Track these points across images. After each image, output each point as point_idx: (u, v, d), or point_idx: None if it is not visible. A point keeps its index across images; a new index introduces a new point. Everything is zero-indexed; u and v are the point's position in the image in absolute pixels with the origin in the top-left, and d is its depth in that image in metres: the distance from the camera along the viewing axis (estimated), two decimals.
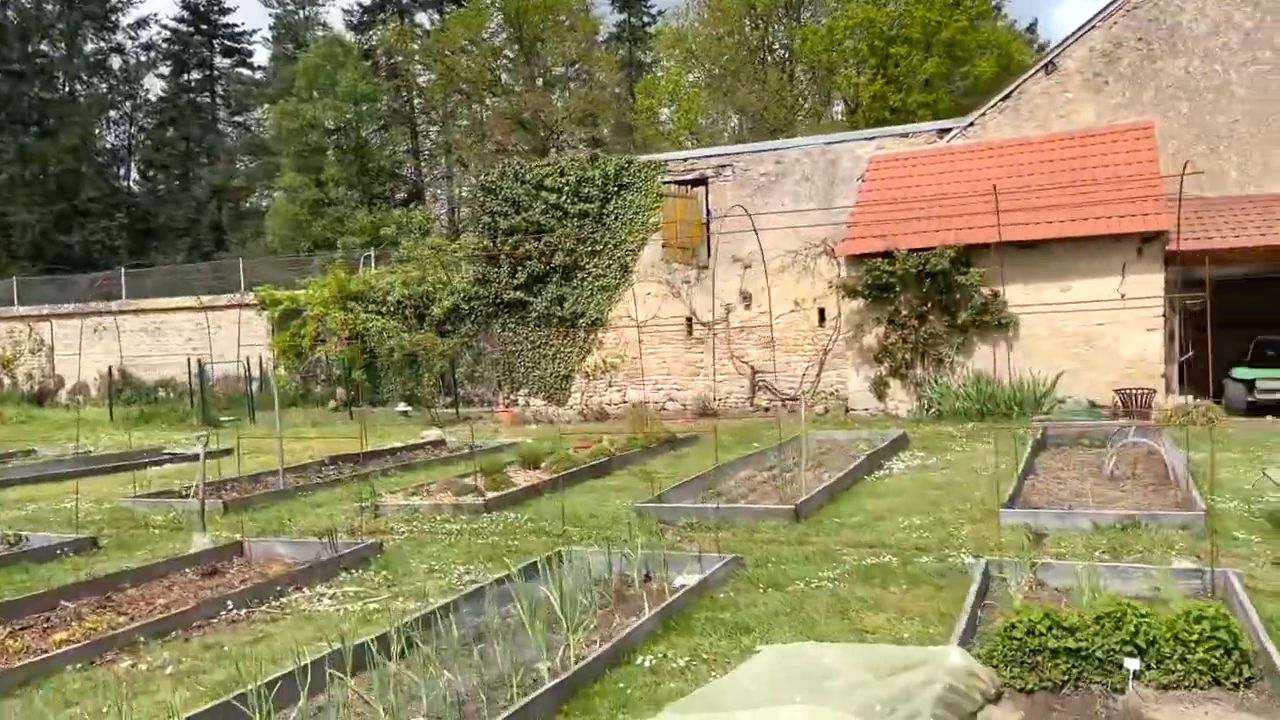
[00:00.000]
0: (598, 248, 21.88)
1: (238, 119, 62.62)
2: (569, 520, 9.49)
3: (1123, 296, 15.80)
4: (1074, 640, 4.87)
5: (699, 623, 6.21)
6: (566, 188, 21.79)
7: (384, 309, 25.59)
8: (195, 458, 12.32)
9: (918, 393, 17.09)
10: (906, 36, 42.90)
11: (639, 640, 5.85)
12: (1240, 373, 15.95)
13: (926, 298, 16.75)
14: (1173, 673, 4.76)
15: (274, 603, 7.41)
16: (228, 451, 16.21)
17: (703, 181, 21.41)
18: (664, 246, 21.44)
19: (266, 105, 55.46)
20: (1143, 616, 4.91)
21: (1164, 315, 15.66)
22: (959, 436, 14.68)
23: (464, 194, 56.86)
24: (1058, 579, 6.61)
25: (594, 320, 22.03)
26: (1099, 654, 4.83)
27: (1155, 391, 15.36)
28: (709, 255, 21.32)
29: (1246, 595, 5.80)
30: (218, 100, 62.76)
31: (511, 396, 22.94)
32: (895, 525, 8.81)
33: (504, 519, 9.99)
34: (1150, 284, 15.67)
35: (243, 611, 7.19)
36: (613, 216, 21.82)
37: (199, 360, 25.09)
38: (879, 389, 17.35)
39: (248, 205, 58.36)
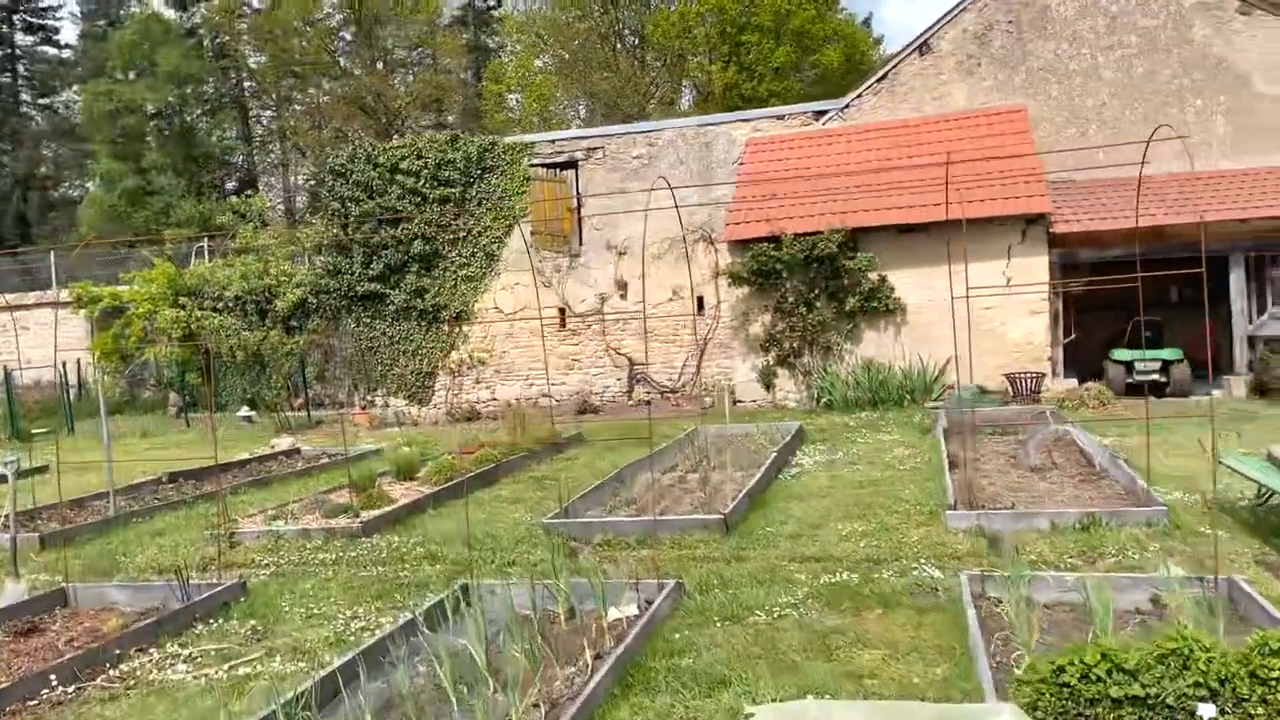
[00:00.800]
0: (460, 235, 20.45)
1: (43, 101, 57.21)
2: (464, 541, 8.26)
3: (1008, 280, 15.61)
4: (1139, 686, 4.06)
5: (660, 673, 5.15)
6: (425, 171, 20.23)
7: (221, 305, 23.36)
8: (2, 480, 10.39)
9: (806, 382, 16.51)
10: (757, 24, 42.89)
11: (597, 704, 4.75)
12: (1119, 354, 16.05)
13: (813, 284, 16.18)
14: (1253, 717, 4.02)
15: (112, 672, 5.91)
16: (42, 469, 14.09)
17: (572, 164, 20.27)
18: (533, 233, 20.21)
19: (76, 86, 50.79)
20: (1210, 652, 4.15)
21: (1048, 298, 15.57)
22: (856, 427, 14.13)
23: (301, 182, 53.76)
24: (1046, 593, 5.88)
25: (458, 313, 20.59)
26: (1169, 701, 4.03)
27: (1044, 375, 15.24)
28: (581, 242, 20.23)
29: (1274, 606, 5.19)
30: (20, 81, 57.14)
31: (369, 397, 21.23)
32: (835, 534, 7.98)
33: (387, 544, 8.65)
34: (1034, 267, 15.55)
35: (71, 688, 5.68)
36: (476, 202, 20.42)
37: (4, 366, 22.22)
38: (766, 379, 16.68)
39: (57, 195, 53.42)
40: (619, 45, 47.28)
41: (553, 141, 20.38)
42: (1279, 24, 16.91)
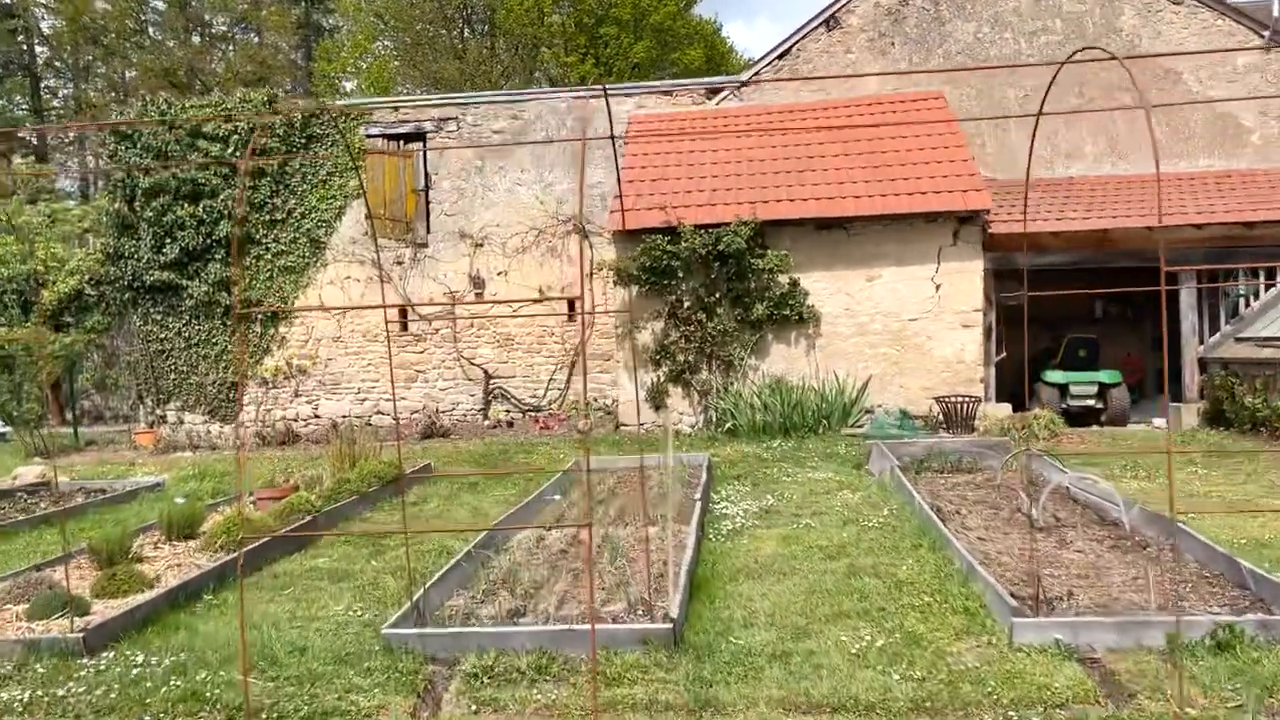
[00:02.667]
0: (278, 216, 16.80)
1: None
2: (260, 662, 5.07)
3: (937, 288, 13.40)
4: None
5: None
6: (235, 137, 16.51)
7: None
8: None
9: (704, 403, 13.82)
10: (616, 18, 40.55)
11: None
12: (1053, 376, 14.12)
13: (715, 286, 13.53)
14: None
15: None
16: None
17: (420, 137, 16.98)
18: (369, 217, 16.80)
19: None
20: None
21: (982, 310, 13.44)
22: (774, 460, 11.52)
23: (104, 163, 47.52)
24: None
25: (274, 311, 16.91)
26: None
27: (979, 399, 13.07)
28: (428, 230, 16.95)
29: None
30: None
31: (159, 412, 17.22)
32: (839, 649, 5.21)
33: (124, 669, 5.32)
34: (968, 273, 13.40)
35: None
36: (299, 177, 16.84)
37: None
38: (656, 398, 13.90)
39: None
40: (467, 30, 43.95)
41: (396, 109, 17.03)
42: (1212, 16, 15.47)
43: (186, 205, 16.50)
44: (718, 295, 13.53)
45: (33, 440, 14.63)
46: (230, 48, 46.50)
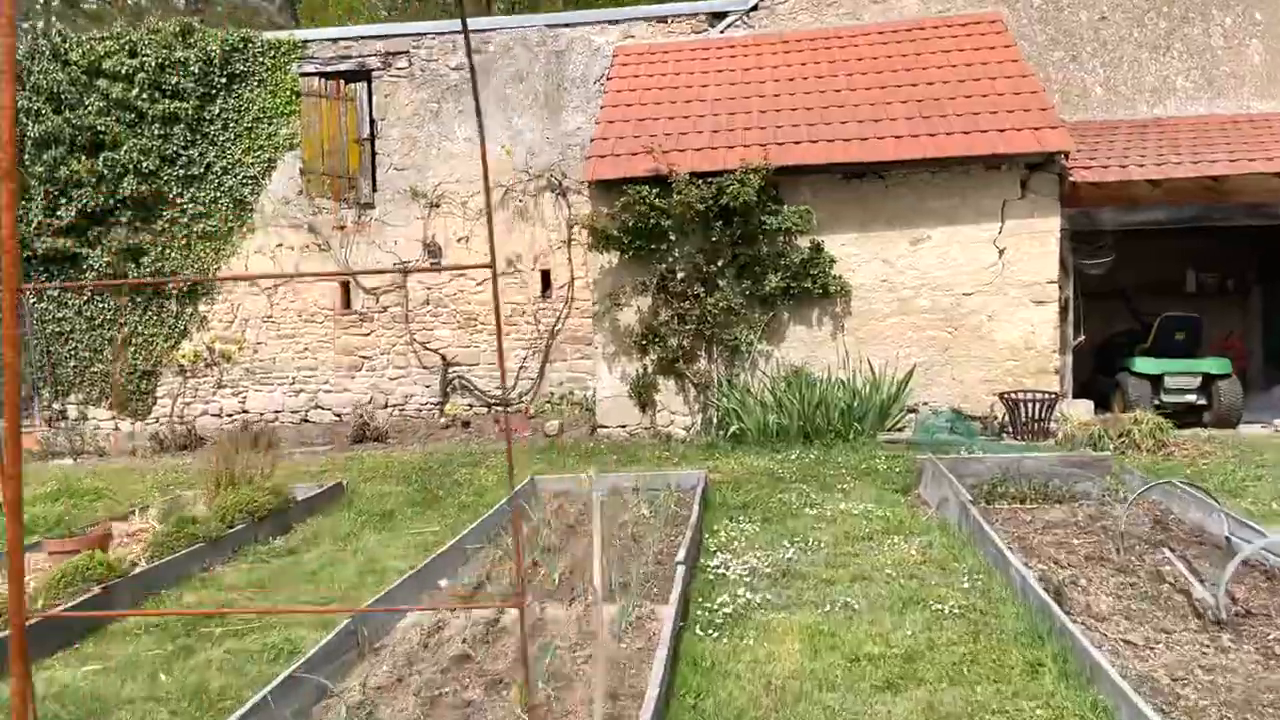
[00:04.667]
0: (195, 172, 13.98)
1: None
2: None
3: (1000, 253, 10.51)
4: None
5: None
6: (142, 76, 13.68)
7: None
8: None
9: (703, 399, 10.97)
10: None
11: None
12: (1143, 365, 11.20)
13: (717, 251, 10.65)
14: None
15: None
16: None
17: (364, 75, 14.11)
18: (304, 173, 13.98)
19: None
20: None
21: (1059, 282, 10.54)
22: (791, 480, 8.68)
23: None
24: None
25: (193, 285, 14.13)
26: None
27: (1057, 396, 10.19)
28: (374, 188, 14.10)
29: None
30: None
31: (57, 406, 14.50)
32: None
33: None
34: (1040, 234, 10.49)
35: None
36: (219, 124, 14.00)
37: None
38: (642, 393, 11.06)
39: None
40: None
41: (335, 41, 14.13)
42: None
43: (84, 159, 13.69)
44: (720, 263, 10.65)
45: None
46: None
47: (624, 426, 11.10)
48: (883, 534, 6.90)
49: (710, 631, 5.05)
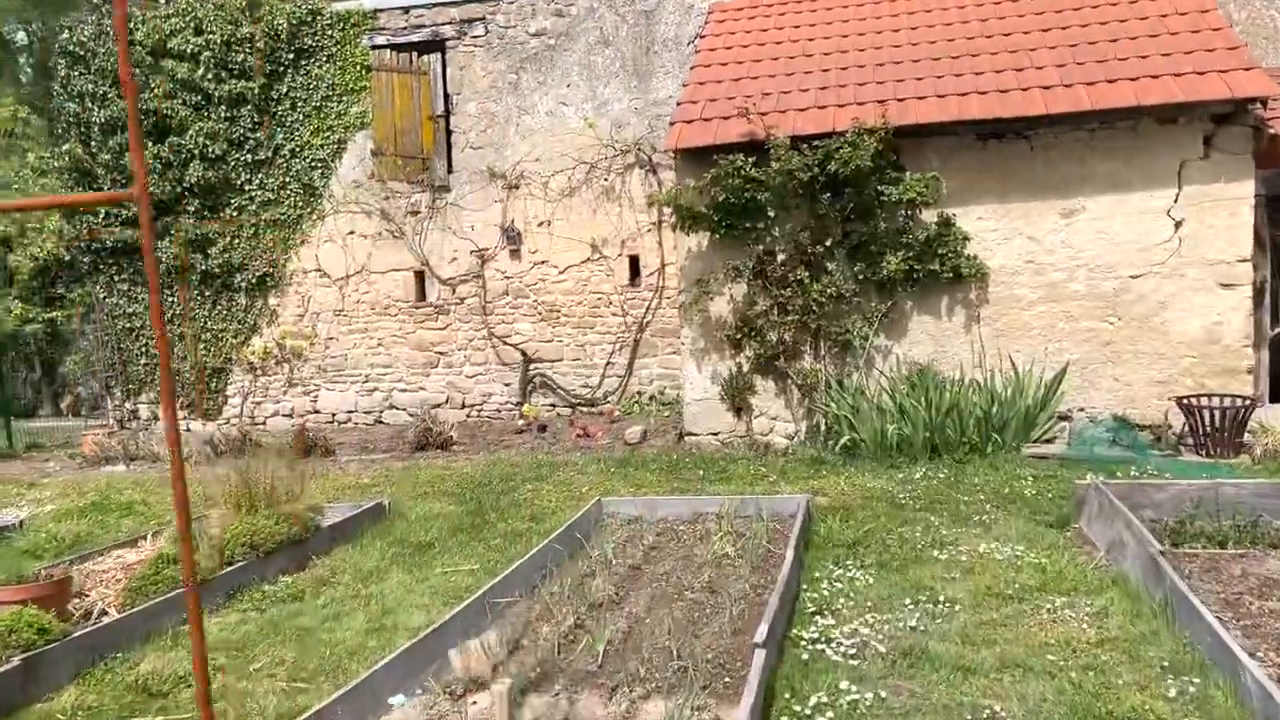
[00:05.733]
0: (263, 156, 13.09)
1: None
2: None
3: (1177, 226, 8.57)
4: None
5: None
6: (208, 55, 12.85)
7: None
8: None
9: (807, 404, 9.36)
10: None
11: None
12: None
13: (825, 228, 9.03)
14: None
15: None
16: None
17: (438, 46, 12.95)
18: (375, 154, 12.92)
19: None
20: None
21: (1252, 260, 8.53)
22: (915, 508, 7.04)
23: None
24: None
25: (262, 276, 13.26)
26: None
27: (1254, 400, 8.20)
28: (450, 169, 12.94)
29: None
30: None
31: (129, 406, 13.87)
32: None
33: None
34: (1229, 202, 8.49)
35: None
36: (287, 104, 13.07)
37: None
38: (736, 396, 9.51)
39: None
40: None
41: (407, 10, 12.98)
42: None
43: (150, 144, 12.94)
44: (828, 242, 9.02)
45: None
46: None
47: (715, 434, 9.58)
48: (1038, 591, 5.24)
49: None
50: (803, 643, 4.67)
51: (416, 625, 5.20)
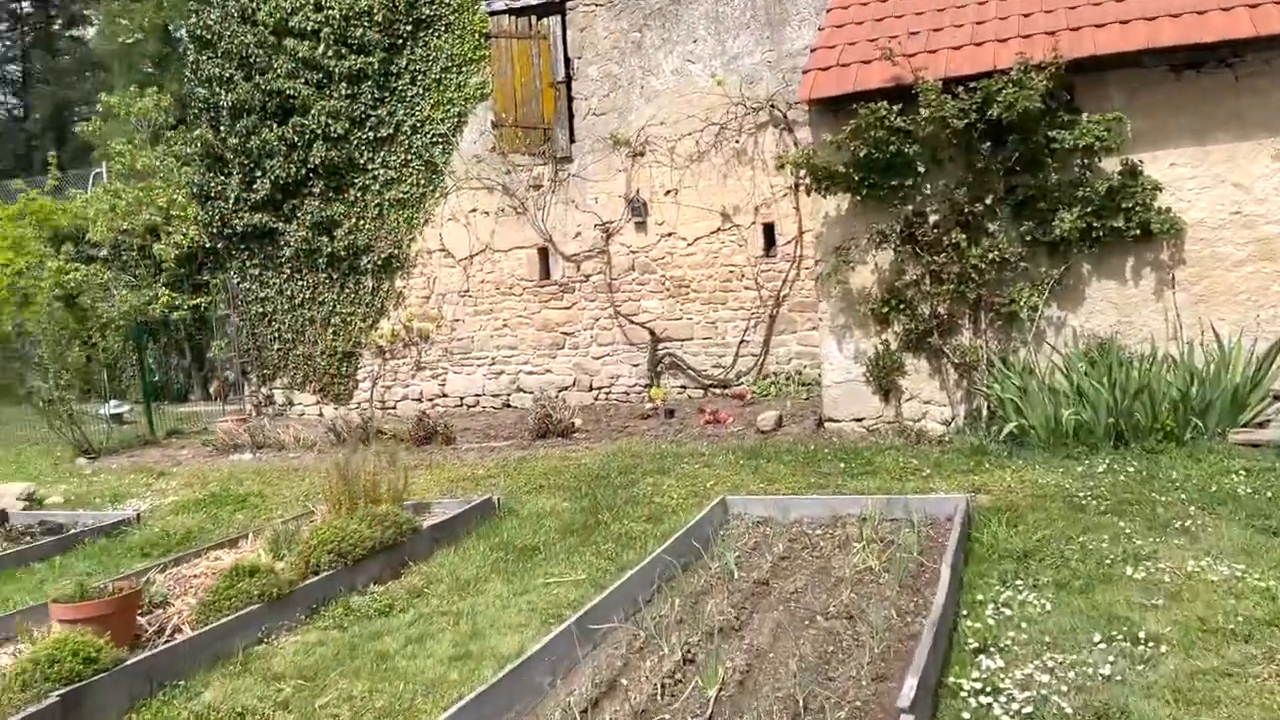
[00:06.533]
0: (385, 133, 12.75)
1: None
2: None
3: None
4: None
5: None
6: (328, 31, 12.57)
7: (95, 254, 16.60)
8: None
9: (966, 385, 8.24)
10: None
11: None
12: None
13: (983, 183, 7.86)
14: None
15: None
16: None
17: (557, 8, 12.25)
18: (495, 126, 12.37)
19: None
20: None
21: None
22: (1096, 510, 5.90)
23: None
24: None
25: (387, 258, 12.96)
26: None
27: None
28: (571, 138, 12.26)
29: None
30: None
31: (265, 391, 13.88)
32: None
33: None
34: None
35: None
36: (407, 78, 12.66)
37: None
38: (883, 378, 8.47)
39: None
40: None
41: None
42: None
43: (274, 126, 12.79)
44: (988, 200, 7.85)
45: (70, 433, 11.53)
46: None
47: (859, 420, 8.57)
48: (1268, 626, 4.13)
49: None
50: (962, 694, 3.74)
51: (506, 652, 4.54)
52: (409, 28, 12.51)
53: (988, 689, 3.75)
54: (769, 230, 11.34)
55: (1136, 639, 4.10)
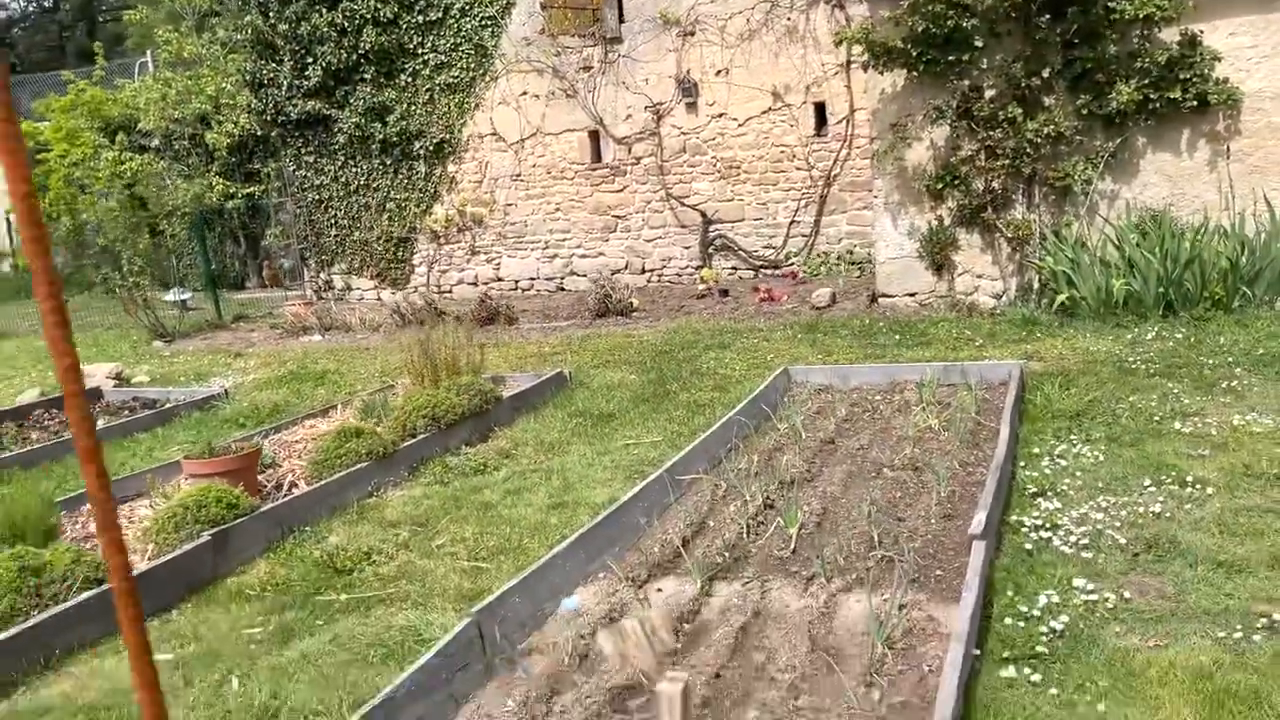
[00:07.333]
0: (434, 17, 12.78)
1: None
2: None
3: None
4: None
5: None
6: None
7: (149, 144, 16.89)
8: None
9: (1018, 259, 8.45)
10: None
11: None
12: None
13: (1039, 56, 7.91)
14: None
15: None
16: None
17: None
18: (544, 8, 12.37)
19: None
20: None
21: None
22: (1144, 373, 6.21)
23: None
24: None
25: (439, 143, 13.15)
26: None
27: None
28: (620, 19, 12.25)
29: None
30: None
31: (324, 277, 14.32)
32: None
33: None
34: None
35: None
36: None
37: None
38: (936, 253, 8.69)
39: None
40: None
41: None
42: None
43: (324, 11, 12.87)
44: (1046, 73, 7.91)
45: (145, 317, 12.05)
46: None
47: (912, 295, 8.84)
48: None
49: (1026, 670, 3.05)
50: (1024, 530, 4.12)
51: (598, 501, 4.97)
52: None
53: (1047, 525, 4.13)
54: (820, 109, 11.40)
55: (1184, 483, 4.44)
